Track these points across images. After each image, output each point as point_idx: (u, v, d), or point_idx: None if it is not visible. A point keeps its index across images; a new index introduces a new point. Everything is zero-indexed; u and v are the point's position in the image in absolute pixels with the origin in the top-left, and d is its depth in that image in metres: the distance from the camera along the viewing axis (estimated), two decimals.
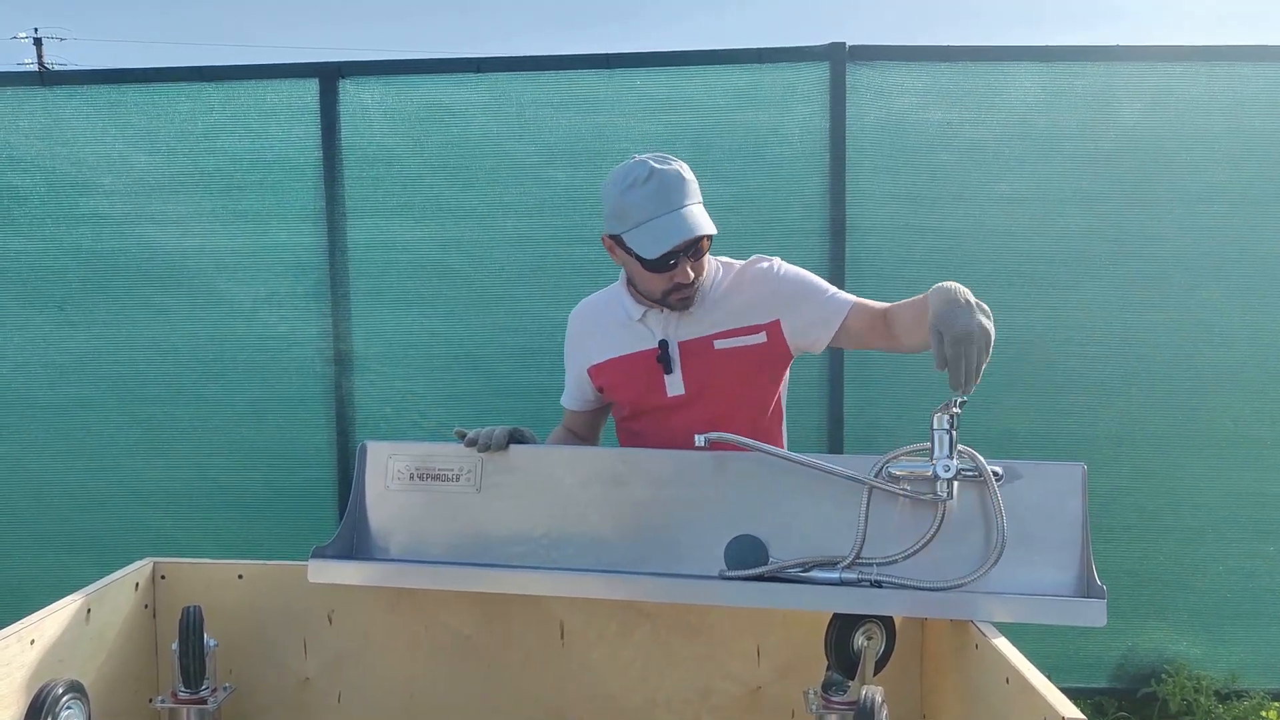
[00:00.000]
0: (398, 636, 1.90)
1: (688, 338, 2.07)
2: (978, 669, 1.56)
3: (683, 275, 1.95)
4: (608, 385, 2.17)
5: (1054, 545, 1.64)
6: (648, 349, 2.08)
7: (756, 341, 2.07)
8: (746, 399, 2.10)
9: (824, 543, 1.70)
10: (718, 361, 2.06)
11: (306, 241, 3.58)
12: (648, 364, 2.08)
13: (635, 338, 2.10)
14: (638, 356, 2.09)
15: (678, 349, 2.06)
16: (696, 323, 2.07)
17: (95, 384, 3.64)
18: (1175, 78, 3.42)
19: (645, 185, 1.90)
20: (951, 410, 1.62)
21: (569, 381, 2.26)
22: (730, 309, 2.08)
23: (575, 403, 2.26)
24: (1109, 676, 3.56)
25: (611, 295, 2.19)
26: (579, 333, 2.23)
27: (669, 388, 2.07)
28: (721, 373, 2.06)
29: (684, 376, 2.07)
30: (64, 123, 3.59)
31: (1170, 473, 3.48)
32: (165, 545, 3.58)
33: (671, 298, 2.01)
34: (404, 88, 3.54)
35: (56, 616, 1.62)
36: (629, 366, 2.10)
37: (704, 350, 2.06)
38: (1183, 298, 3.44)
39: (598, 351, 2.16)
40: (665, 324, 2.08)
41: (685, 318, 2.07)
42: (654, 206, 1.90)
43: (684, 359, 2.06)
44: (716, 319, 2.07)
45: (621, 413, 2.20)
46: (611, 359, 2.13)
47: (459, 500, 1.86)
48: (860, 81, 3.45)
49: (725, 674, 1.85)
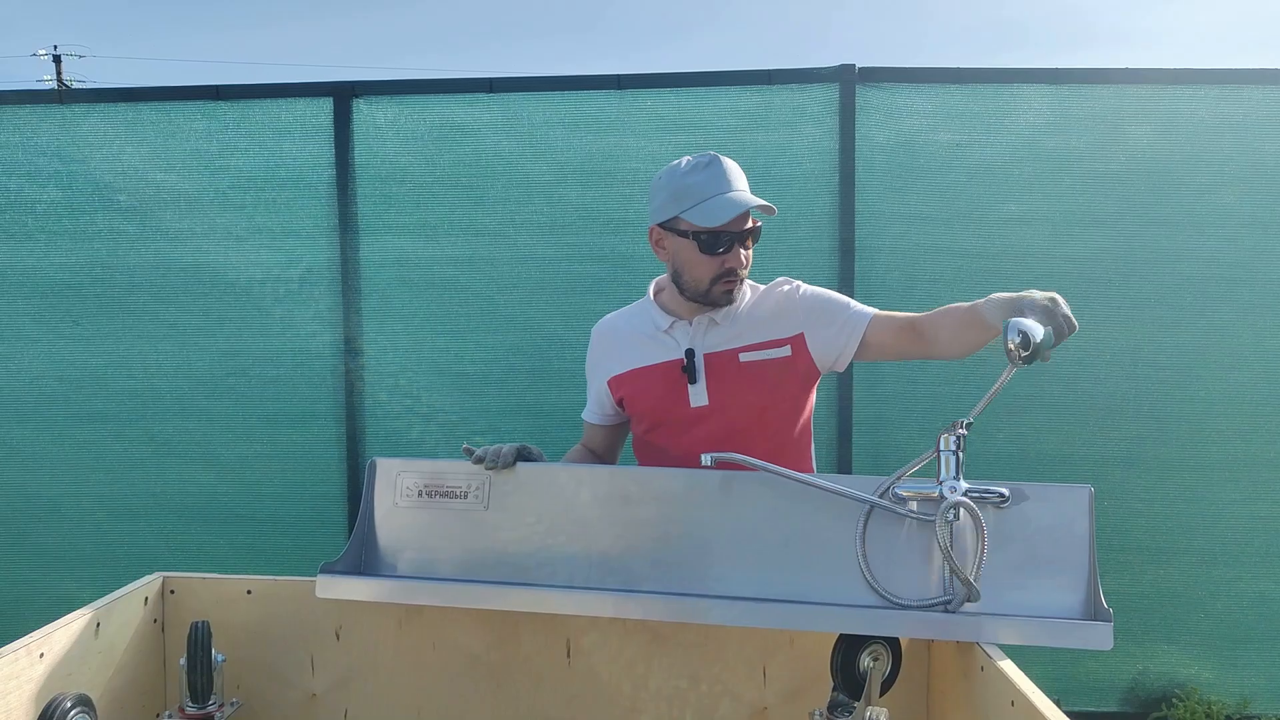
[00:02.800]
0: (405, 653, 1.90)
1: (713, 350, 2.09)
2: (983, 692, 1.55)
3: (735, 260, 2.01)
4: (629, 396, 2.17)
5: (1061, 567, 1.64)
6: (673, 359, 2.10)
7: (781, 355, 2.09)
8: (769, 413, 2.10)
9: (832, 562, 1.70)
10: (742, 374, 2.08)
11: (319, 259, 3.60)
12: (672, 374, 2.10)
13: (661, 348, 2.12)
14: (662, 367, 2.11)
15: (703, 360, 2.08)
16: (722, 336, 2.09)
17: (108, 398, 3.66)
18: (1185, 100, 3.43)
19: (708, 168, 2.00)
20: (958, 431, 1.62)
21: (590, 395, 2.28)
22: (755, 323, 2.11)
23: (596, 416, 2.27)
24: (1119, 700, 3.54)
25: (637, 310, 2.23)
26: (602, 346, 2.25)
27: (692, 398, 2.08)
28: (745, 386, 2.08)
29: (708, 388, 2.08)
30: (81, 139, 3.63)
31: (1181, 495, 3.46)
32: (175, 560, 3.60)
33: (718, 287, 2.03)
34: (417, 107, 3.57)
35: (66, 630, 1.63)
36: (653, 376, 2.12)
37: (729, 363, 2.08)
38: (1193, 319, 3.44)
39: (620, 363, 2.17)
40: (692, 336, 2.10)
41: (711, 330, 2.10)
42: (717, 185, 1.99)
43: (708, 370, 2.08)
44: (742, 333, 2.10)
45: (641, 425, 2.20)
46: (635, 369, 2.15)
47: (468, 517, 1.86)
48: (869, 102, 3.46)
49: (732, 694, 1.85)
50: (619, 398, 2.19)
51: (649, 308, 2.18)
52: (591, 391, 2.27)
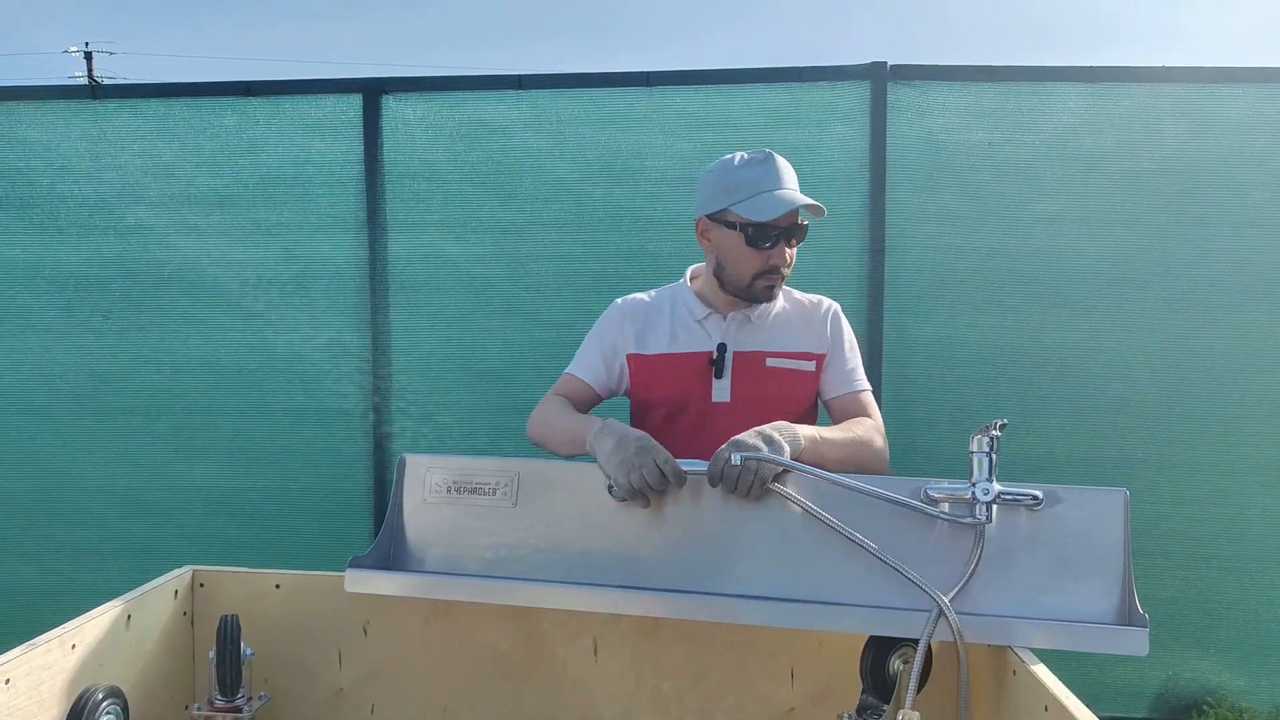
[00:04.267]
0: (432, 649, 1.90)
1: (743, 348, 2.12)
2: (1015, 696, 1.53)
3: (779, 257, 2.04)
4: (649, 380, 2.16)
5: (1095, 572, 1.62)
6: (702, 350, 2.12)
7: (804, 368, 2.14)
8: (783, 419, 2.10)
9: (862, 563, 1.68)
10: (766, 377, 2.11)
11: (347, 254, 3.61)
12: (699, 366, 2.11)
13: (691, 338, 2.14)
14: (691, 356, 2.13)
15: (731, 357, 2.10)
16: (753, 335, 2.13)
17: (137, 392, 3.69)
18: (1220, 99, 3.39)
19: (762, 164, 2.04)
20: (991, 433, 1.61)
21: (592, 358, 2.22)
22: (788, 331, 2.16)
23: (591, 379, 2.21)
24: (1149, 706, 3.50)
25: (669, 294, 2.23)
26: (627, 319, 2.22)
27: (715, 393, 2.10)
28: (766, 388, 2.10)
29: (732, 385, 2.10)
30: (112, 135, 3.65)
31: (1213, 498, 3.42)
32: (203, 553, 3.61)
33: (760, 282, 2.07)
34: (446, 104, 3.58)
35: (97, 621, 1.64)
36: (679, 365, 2.13)
37: (755, 364, 2.11)
38: (1227, 320, 3.40)
39: (647, 344, 2.17)
40: (725, 330, 2.12)
41: (744, 328, 2.13)
42: (769, 180, 2.02)
43: (735, 368, 2.10)
44: (774, 337, 2.14)
45: (656, 411, 2.18)
46: (663, 354, 2.15)
47: (496, 514, 1.86)
48: (900, 100, 3.44)
49: (758, 695, 1.84)
50: (635, 378, 2.18)
51: (685, 295, 2.19)
52: (597, 355, 2.22)
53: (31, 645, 1.49)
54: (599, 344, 2.23)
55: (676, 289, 2.24)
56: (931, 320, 3.47)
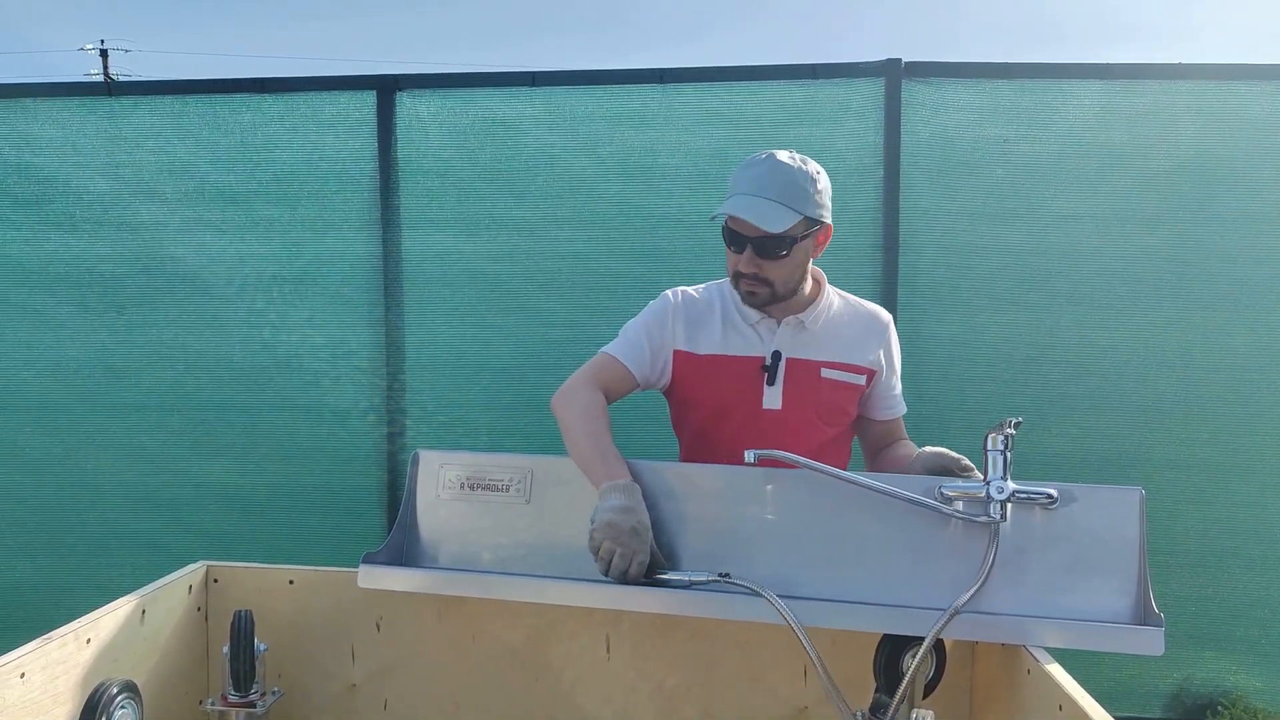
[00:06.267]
0: (445, 645, 1.90)
1: (796, 356, 2.08)
2: (1030, 695, 1.53)
3: (740, 263, 2.00)
4: (692, 379, 2.12)
5: (1110, 571, 1.61)
6: (755, 355, 2.09)
7: (857, 381, 2.12)
8: (830, 430, 2.12)
9: (876, 562, 1.68)
10: (820, 388, 2.09)
11: (361, 251, 3.62)
12: (750, 370, 2.08)
13: (744, 341, 2.11)
14: (743, 360, 2.09)
15: (784, 364, 2.07)
16: (808, 343, 2.09)
17: (152, 388, 3.70)
18: (1237, 95, 3.37)
19: (752, 168, 2.00)
20: (1006, 431, 1.60)
21: (638, 347, 2.12)
22: (843, 340, 2.12)
23: (634, 366, 2.11)
24: (1163, 706, 3.48)
25: (720, 291, 2.18)
26: (680, 313, 2.14)
27: (766, 399, 2.07)
28: (820, 399, 2.08)
29: (784, 392, 2.07)
30: (127, 132, 3.67)
31: (1230, 498, 3.40)
32: (217, 549, 3.63)
33: (740, 285, 2.05)
34: (459, 100, 3.58)
35: (112, 616, 1.65)
36: (730, 368, 2.09)
37: (810, 373, 2.08)
38: (1246, 319, 3.38)
39: (698, 342, 2.11)
40: (779, 336, 2.09)
41: (799, 334, 2.09)
42: (740, 184, 1.99)
43: (787, 375, 2.07)
44: (829, 346, 2.10)
45: (700, 412, 2.14)
46: (714, 355, 2.10)
47: (509, 510, 1.86)
48: (915, 97, 3.43)
49: (771, 693, 1.83)
50: (682, 376, 2.13)
51: (736, 295, 2.12)
52: (644, 347, 2.12)
53: (47, 640, 1.50)
54: (648, 334, 2.13)
55: (725, 287, 2.16)
56: (946, 318, 3.45)
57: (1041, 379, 3.43)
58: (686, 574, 1.68)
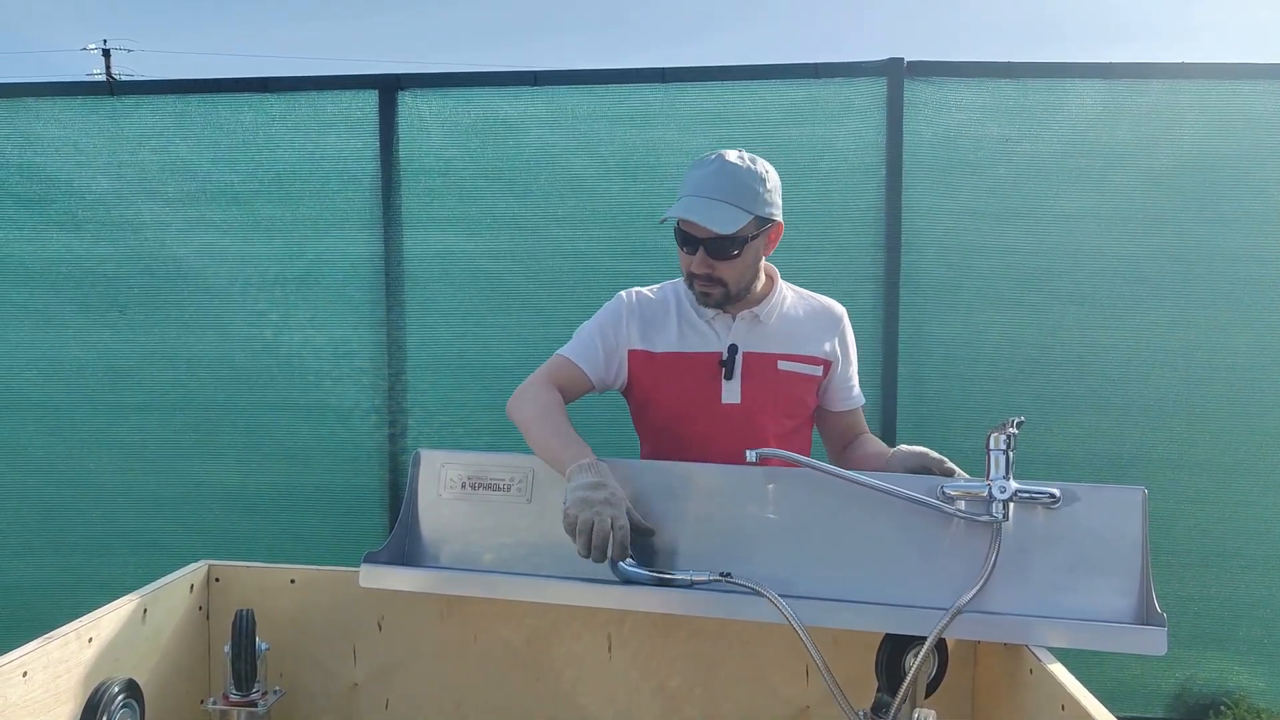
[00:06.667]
0: (447, 645, 1.90)
1: (753, 350, 2.08)
2: (1032, 695, 1.52)
3: (693, 264, 2.00)
4: (653, 380, 2.11)
5: (1113, 570, 1.60)
6: (710, 351, 2.08)
7: (814, 373, 2.13)
8: (790, 422, 2.12)
9: (877, 561, 1.68)
10: (777, 380, 2.08)
11: (363, 250, 3.62)
12: (708, 366, 2.07)
13: (700, 338, 2.10)
14: (699, 357, 2.08)
15: (741, 358, 2.07)
16: (764, 338, 2.09)
17: (153, 387, 3.70)
18: (1240, 95, 3.36)
19: (702, 167, 2.00)
20: (1009, 430, 1.60)
21: (592, 348, 2.12)
22: (799, 333, 2.12)
23: (588, 367, 2.10)
24: (1166, 706, 3.48)
25: (675, 290, 2.18)
26: (634, 312, 2.14)
27: (725, 394, 2.07)
28: (778, 391, 2.08)
29: (742, 387, 2.06)
30: (129, 131, 3.67)
31: (1232, 498, 3.40)
32: (219, 548, 3.63)
33: (694, 285, 2.05)
34: (461, 100, 3.58)
35: (113, 616, 1.65)
36: (688, 364, 2.09)
37: (767, 366, 2.08)
38: (1248, 320, 3.37)
39: (652, 341, 2.11)
40: (734, 331, 2.09)
41: (755, 328, 2.09)
42: (692, 186, 1.98)
43: (745, 369, 2.07)
44: (785, 340, 2.10)
45: (659, 411, 2.13)
46: (671, 353, 2.10)
47: (511, 510, 1.86)
48: (917, 97, 3.42)
49: (773, 693, 1.83)
50: (639, 376, 2.12)
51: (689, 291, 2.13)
52: (598, 348, 2.11)
53: (48, 639, 1.50)
54: (601, 335, 2.13)
55: (681, 285, 2.17)
56: (948, 318, 3.45)
57: (1043, 378, 3.42)
58: (688, 574, 1.67)
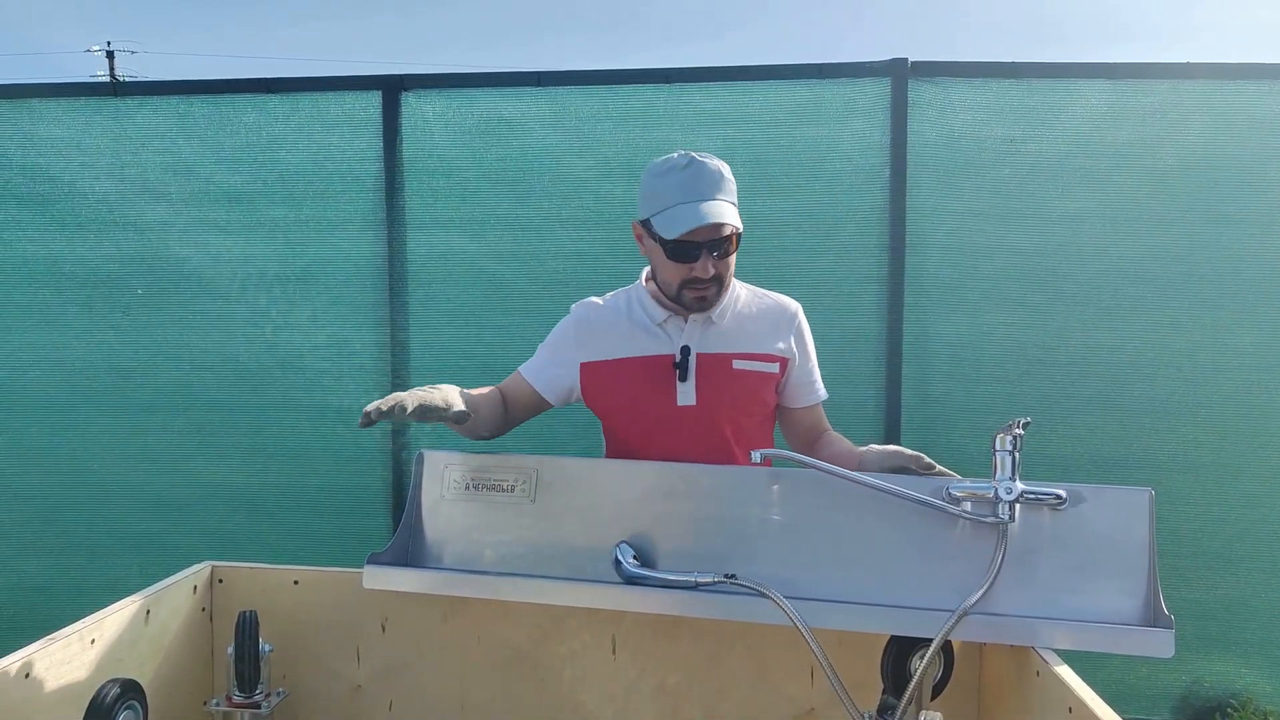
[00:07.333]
0: (450, 646, 1.89)
1: (706, 350, 2.06)
2: (1039, 697, 1.52)
3: (702, 270, 1.96)
4: (605, 387, 2.10)
5: (1119, 572, 1.60)
6: (663, 354, 2.06)
7: (770, 370, 2.10)
8: (748, 421, 2.10)
9: (882, 563, 1.67)
10: (733, 380, 2.06)
11: (366, 251, 3.62)
12: (661, 369, 2.05)
13: (652, 341, 2.08)
14: (651, 360, 2.07)
15: (694, 359, 2.05)
16: (718, 338, 2.07)
17: (157, 389, 3.70)
18: (1244, 95, 3.36)
19: (682, 172, 1.94)
20: (1015, 432, 1.59)
21: (542, 362, 2.19)
22: (752, 331, 2.10)
23: (536, 382, 2.17)
24: (1173, 709, 3.47)
25: (630, 296, 2.17)
26: (582, 326, 2.16)
27: (680, 396, 2.05)
28: (734, 391, 2.06)
29: (697, 388, 2.04)
30: (133, 132, 3.67)
31: (1240, 499, 3.39)
32: (222, 549, 3.63)
33: (686, 294, 2.00)
34: (465, 101, 3.57)
35: (116, 616, 1.64)
36: (640, 369, 2.07)
37: (722, 366, 2.05)
38: (1253, 320, 3.36)
39: (601, 350, 2.11)
40: (686, 333, 2.07)
41: (708, 329, 2.07)
42: (684, 193, 1.93)
43: (699, 371, 2.05)
44: (739, 338, 2.08)
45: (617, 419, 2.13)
46: (619, 359, 2.09)
47: (514, 511, 1.85)
48: (922, 97, 3.42)
49: (778, 694, 1.83)
50: (590, 387, 2.12)
51: (642, 297, 2.13)
52: (548, 362, 2.17)
53: (51, 639, 1.50)
54: (552, 351, 2.18)
55: (633, 291, 2.17)
56: (953, 319, 3.44)
57: (1048, 379, 3.41)
58: (693, 575, 1.67)
